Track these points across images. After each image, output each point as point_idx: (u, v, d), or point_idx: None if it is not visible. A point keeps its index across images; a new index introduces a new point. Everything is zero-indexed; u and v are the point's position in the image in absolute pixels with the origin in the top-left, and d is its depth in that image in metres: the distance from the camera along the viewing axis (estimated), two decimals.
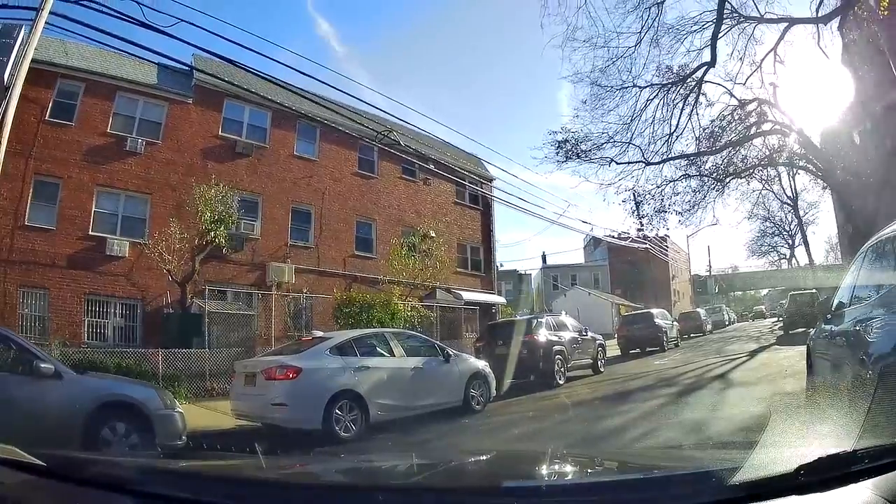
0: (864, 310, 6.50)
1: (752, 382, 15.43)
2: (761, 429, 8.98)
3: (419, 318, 27.75)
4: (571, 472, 3.33)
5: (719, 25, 26.65)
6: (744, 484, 1.99)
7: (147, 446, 10.14)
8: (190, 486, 2.63)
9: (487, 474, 3.53)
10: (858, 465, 2.07)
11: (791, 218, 63.78)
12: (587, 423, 12.62)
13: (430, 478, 3.32)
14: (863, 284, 6.94)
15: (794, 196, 53.15)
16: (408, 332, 17.72)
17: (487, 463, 4.01)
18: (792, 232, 71.48)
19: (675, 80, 29.72)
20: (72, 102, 23.68)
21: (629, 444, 9.90)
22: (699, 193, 33.47)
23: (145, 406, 10.40)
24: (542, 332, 21.46)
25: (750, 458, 2.27)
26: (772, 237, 79.38)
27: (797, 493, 1.97)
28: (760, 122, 31.74)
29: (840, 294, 7.85)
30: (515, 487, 2.84)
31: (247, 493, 2.62)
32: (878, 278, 6.53)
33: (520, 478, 3.23)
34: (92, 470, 2.85)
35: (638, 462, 3.55)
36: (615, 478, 2.92)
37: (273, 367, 12.63)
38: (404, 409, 13.72)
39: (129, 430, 10.14)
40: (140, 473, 2.82)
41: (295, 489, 2.80)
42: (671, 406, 13.43)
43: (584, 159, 31.01)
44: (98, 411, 9.87)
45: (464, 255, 39.47)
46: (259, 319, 24.81)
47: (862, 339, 6.26)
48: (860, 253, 7.41)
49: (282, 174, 29.36)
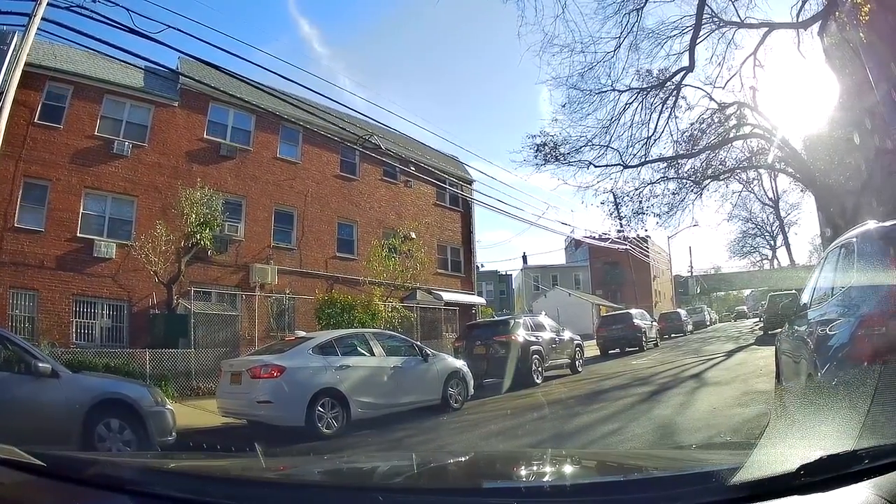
0: (819, 311, 7.19)
1: (725, 382, 15.96)
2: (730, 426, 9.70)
3: (400, 319, 28.33)
4: (571, 473, 3.36)
5: (698, 31, 27.24)
6: (744, 484, 2.01)
7: (140, 442, 10.64)
8: (190, 486, 2.67)
9: (488, 474, 3.55)
10: (859, 466, 2.09)
11: (773, 219, 64.96)
12: (561, 420, 13.08)
13: (431, 478, 3.38)
14: (821, 286, 7.51)
15: (775, 198, 53.98)
16: (387, 333, 18.31)
17: (488, 463, 4.09)
18: (774, 233, 72.72)
19: (654, 85, 30.33)
20: (60, 105, 24.18)
21: (599, 439, 10.41)
22: (678, 195, 34.37)
23: (138, 403, 10.83)
24: (520, 332, 21.91)
25: (750, 458, 2.29)
26: (754, 238, 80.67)
27: (797, 494, 2.00)
28: (740, 125, 32.66)
29: (804, 296, 8.49)
30: (515, 488, 2.92)
31: (247, 493, 2.64)
32: (834, 281, 7.09)
33: (519, 478, 3.27)
34: (92, 470, 2.85)
35: (638, 462, 3.53)
36: (615, 478, 2.95)
37: (258, 365, 13.20)
38: (384, 407, 14.31)
39: (123, 427, 10.57)
40: (140, 473, 2.84)
41: (295, 489, 2.86)
42: (643, 404, 13.88)
43: (562, 162, 31.89)
44: (94, 409, 10.29)
45: (444, 257, 40.06)
46: (243, 320, 25.36)
47: (813, 339, 6.96)
48: (822, 256, 8.11)
49: (265, 176, 30.00)
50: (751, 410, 10.80)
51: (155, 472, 3.05)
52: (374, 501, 2.23)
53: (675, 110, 31.27)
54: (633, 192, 33.27)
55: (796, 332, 8.19)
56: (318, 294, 27.59)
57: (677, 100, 30.77)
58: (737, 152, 35.54)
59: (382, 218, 35.44)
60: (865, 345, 5.73)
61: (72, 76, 24.31)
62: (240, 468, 3.50)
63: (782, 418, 4.43)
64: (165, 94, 26.82)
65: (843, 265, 6.83)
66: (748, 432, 8.39)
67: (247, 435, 13.05)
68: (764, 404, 10.56)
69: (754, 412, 10.45)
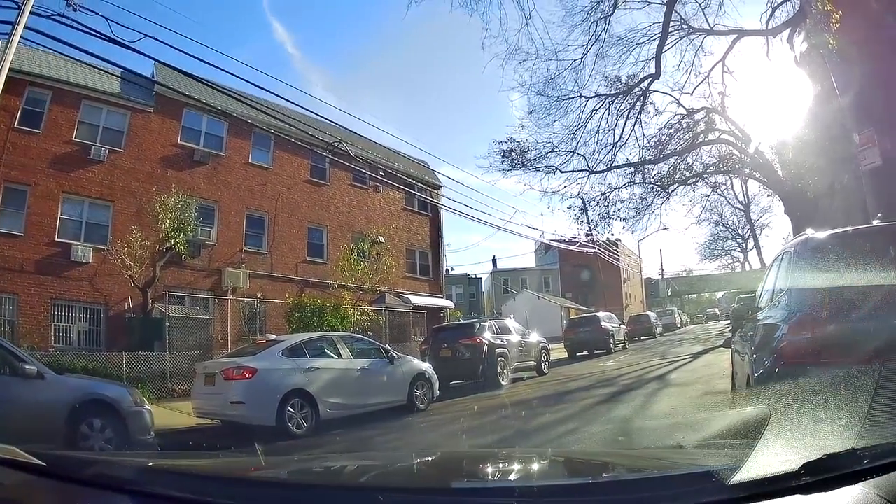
0: (761, 315, 7.73)
1: (687, 383, 16.44)
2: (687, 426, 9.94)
3: (369, 322, 29.02)
4: (571, 472, 3.43)
5: (664, 39, 27.84)
6: (744, 484, 2.03)
7: (120, 441, 11.11)
8: (190, 486, 2.69)
9: (488, 474, 3.55)
10: (859, 466, 2.11)
11: (744, 222, 65.89)
12: (522, 420, 13.49)
13: (431, 478, 3.42)
14: (766, 291, 7.99)
15: (746, 201, 54.52)
16: (354, 336, 18.86)
17: (488, 463, 4.08)
18: (745, 236, 73.74)
19: (621, 91, 30.74)
20: (39, 111, 24.68)
21: (557, 438, 10.79)
22: (644, 200, 34.73)
23: (119, 404, 11.34)
24: (486, 335, 22.49)
25: (750, 458, 2.28)
26: (725, 241, 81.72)
27: (797, 493, 2.02)
28: (709, 130, 32.83)
29: (755, 299, 8.97)
30: (514, 487, 2.90)
31: (247, 493, 2.70)
32: (774, 287, 7.55)
33: (519, 478, 3.31)
34: (92, 470, 2.89)
35: (638, 462, 3.53)
36: (615, 478, 2.96)
37: (231, 367, 13.82)
38: (352, 408, 14.99)
39: (105, 426, 11.07)
40: (140, 473, 2.87)
41: (295, 489, 2.88)
42: (603, 405, 14.26)
43: (529, 168, 31.99)
44: (77, 409, 10.76)
45: (412, 261, 40.83)
46: (216, 323, 25.85)
47: (753, 342, 7.57)
48: (771, 262, 8.63)
49: (237, 182, 30.70)
50: (710, 410, 11.23)
51: (155, 472, 3.10)
52: (374, 501, 2.30)
53: (644, 115, 31.72)
54: (599, 196, 33.60)
55: (744, 334, 8.86)
56: (289, 298, 28.34)
57: (644, 106, 31.29)
58: (705, 157, 35.75)
59: (352, 222, 36.17)
60: (793, 348, 6.20)
61: (51, 81, 24.72)
62: (240, 468, 3.63)
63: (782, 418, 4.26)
64: (141, 99, 27.25)
65: (783, 272, 7.25)
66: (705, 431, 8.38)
67: (221, 434, 13.70)
68: (721, 404, 10.89)
69: (712, 412, 10.81)
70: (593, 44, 28.76)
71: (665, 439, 9.72)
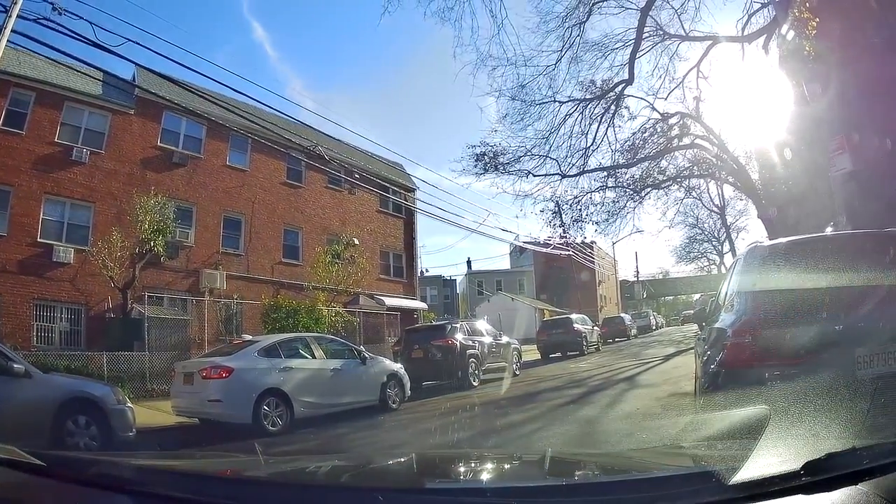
0: (714, 318, 8.05)
1: (655, 384, 16.90)
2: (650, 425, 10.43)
3: (343, 323, 29.67)
4: (571, 472, 3.41)
5: (638, 46, 28.36)
6: (744, 483, 2.06)
7: (104, 437, 11.48)
8: (190, 486, 2.72)
9: (488, 474, 3.58)
10: (859, 465, 2.14)
11: (719, 225, 66.55)
12: (491, 419, 13.91)
13: (431, 478, 3.48)
14: (722, 294, 8.23)
15: (721, 204, 54.88)
16: (328, 337, 19.57)
17: (488, 463, 4.09)
18: (721, 239, 74.58)
19: (594, 97, 31.19)
20: (23, 111, 25.14)
21: (524, 437, 11.14)
22: (618, 203, 35.29)
23: (103, 402, 11.78)
24: (457, 336, 23.20)
25: (750, 458, 2.32)
26: (701, 244, 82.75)
27: (797, 493, 2.04)
28: (683, 134, 33.34)
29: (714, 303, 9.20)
30: (514, 487, 2.91)
31: (247, 493, 2.72)
32: (727, 292, 7.79)
33: (519, 478, 3.37)
34: (92, 470, 2.93)
35: (638, 462, 3.55)
36: (615, 478, 2.97)
37: (208, 367, 14.26)
38: (325, 407, 15.49)
39: (90, 423, 11.48)
40: (140, 473, 2.89)
41: (295, 489, 2.88)
42: (571, 405, 14.64)
43: (501, 171, 32.57)
44: (63, 406, 11.22)
45: (386, 262, 41.65)
46: (193, 324, 26.34)
47: (705, 344, 7.96)
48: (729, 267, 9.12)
49: (215, 183, 31.40)
50: (672, 411, 11.57)
51: (155, 472, 3.13)
52: (375, 501, 2.30)
53: (618, 119, 32.22)
54: (572, 200, 34.09)
55: (701, 337, 9.31)
56: (265, 299, 28.99)
57: (617, 110, 31.80)
58: (680, 160, 36.38)
59: (327, 224, 37.03)
60: (736, 352, 6.47)
61: (35, 83, 25.16)
62: (240, 468, 3.65)
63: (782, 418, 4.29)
64: (122, 101, 27.78)
65: (734, 277, 7.52)
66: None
67: (199, 432, 14.22)
68: (686, 405, 11.18)
69: (675, 412, 11.21)
70: (567, 49, 29.20)
71: (627, 438, 10.06)
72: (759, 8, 25.51)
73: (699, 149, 33.86)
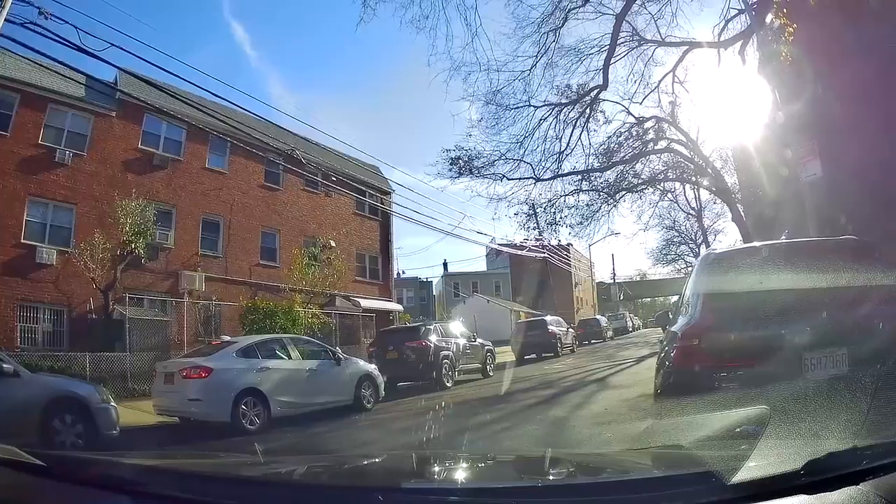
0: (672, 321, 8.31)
1: (626, 385, 16.93)
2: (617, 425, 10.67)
3: (319, 325, 30.10)
4: (571, 473, 3.41)
5: (612, 51, 28.31)
6: (744, 484, 2.07)
7: (89, 435, 11.92)
8: (190, 486, 2.74)
9: (487, 474, 3.63)
10: (859, 465, 2.17)
11: (696, 228, 67.24)
12: (462, 418, 13.96)
13: (431, 478, 3.48)
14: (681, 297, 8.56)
15: (698, 207, 55.53)
16: (304, 338, 20.22)
17: (488, 463, 4.14)
18: (698, 242, 75.40)
19: (569, 101, 31.32)
20: (8, 113, 25.52)
21: (493, 436, 11.44)
22: (592, 206, 35.62)
23: (88, 400, 12.26)
24: (431, 338, 23.69)
25: (750, 458, 2.35)
26: (678, 246, 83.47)
27: (797, 493, 2.06)
28: (658, 138, 33.64)
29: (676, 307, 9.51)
30: (514, 488, 2.96)
31: (247, 493, 2.73)
32: (684, 295, 8.05)
33: (519, 478, 3.40)
34: (92, 470, 2.96)
35: (638, 462, 3.53)
36: (615, 478, 2.96)
37: (189, 367, 14.75)
38: (301, 406, 15.97)
39: (76, 421, 11.91)
40: (140, 473, 2.90)
41: (295, 489, 2.93)
42: (542, 405, 15.11)
43: (476, 175, 32.59)
44: (51, 405, 11.67)
45: (362, 265, 42.25)
46: (173, 325, 26.79)
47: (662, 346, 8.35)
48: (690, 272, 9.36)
49: (194, 186, 31.85)
50: (640, 411, 11.41)
51: (155, 472, 3.12)
52: (375, 501, 2.30)
53: (593, 123, 32.38)
54: (546, 203, 34.27)
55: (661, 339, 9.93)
56: (243, 300, 29.43)
57: (591, 115, 31.89)
58: (655, 164, 36.46)
59: (304, 227, 37.59)
60: (683, 353, 6.87)
61: (20, 84, 25.38)
62: (240, 468, 3.66)
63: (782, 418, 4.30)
64: (104, 104, 28.03)
65: (689, 283, 7.86)
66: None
67: (180, 431, 14.73)
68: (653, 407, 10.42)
69: (642, 413, 11.04)
70: (543, 55, 29.26)
71: (592, 438, 10.32)
72: (737, 14, 25.59)
73: (674, 153, 34.18)
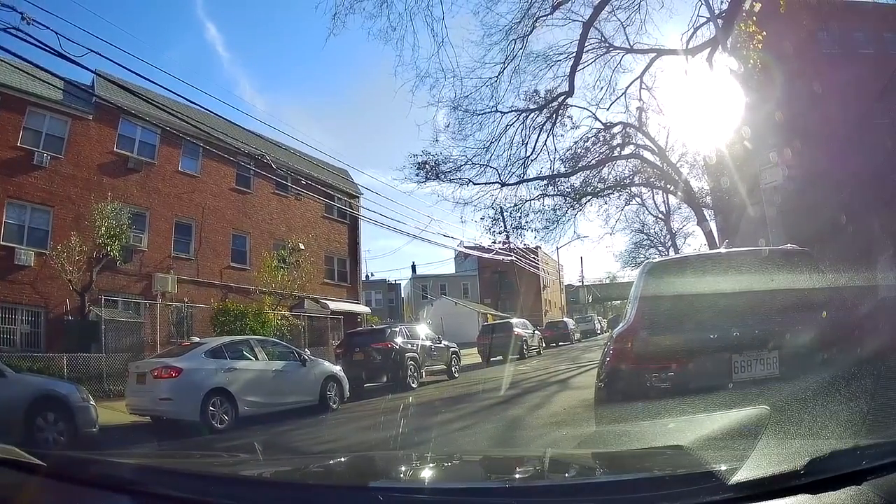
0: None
1: (586, 386, 15.73)
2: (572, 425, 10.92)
3: (289, 327, 31.06)
4: (571, 473, 3.45)
5: (579, 59, 28.78)
6: (744, 483, 2.11)
7: (70, 432, 12.51)
8: (190, 485, 2.78)
9: (487, 474, 3.66)
10: (859, 465, 2.20)
11: (665, 231, 68.24)
12: (425, 417, 14.64)
13: (430, 478, 3.51)
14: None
15: (667, 211, 56.57)
16: (270, 340, 20.91)
17: (487, 463, 4.20)
18: (667, 245, 76.61)
19: (536, 107, 31.91)
20: None
21: (452, 433, 11.79)
22: (558, 211, 36.65)
23: (69, 399, 12.88)
24: (397, 339, 24.45)
25: (750, 458, 2.36)
26: (647, 249, 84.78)
27: (798, 493, 2.10)
28: (625, 143, 34.79)
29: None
30: (514, 488, 3.00)
31: (247, 493, 2.77)
32: (627, 300, 8.34)
33: (519, 478, 3.38)
34: (92, 470, 3.01)
35: (638, 462, 3.41)
36: (615, 478, 2.97)
37: (159, 367, 15.35)
38: (268, 406, 16.66)
39: (57, 419, 12.49)
40: (140, 473, 2.94)
41: (295, 489, 2.93)
42: (502, 405, 15.75)
43: (443, 179, 33.28)
44: (34, 403, 12.25)
45: (331, 267, 43.25)
46: (147, 327, 27.36)
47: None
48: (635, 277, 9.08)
49: (167, 189, 32.54)
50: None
51: (155, 472, 3.16)
52: (375, 501, 2.39)
53: (560, 128, 33.26)
54: (511, 208, 35.09)
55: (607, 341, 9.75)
56: (214, 302, 30.33)
57: (559, 120, 32.64)
58: (621, 169, 37.84)
59: (273, 230, 38.60)
60: (617, 354, 7.13)
61: (0, 87, 25.85)
62: (240, 468, 3.72)
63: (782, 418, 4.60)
64: (82, 107, 28.58)
65: (633, 288, 7.93)
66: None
67: (152, 430, 15.20)
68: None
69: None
70: (510, 62, 29.45)
71: (545, 436, 10.75)
72: (705, 21, 25.59)
73: (641, 159, 35.26)
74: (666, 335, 6.79)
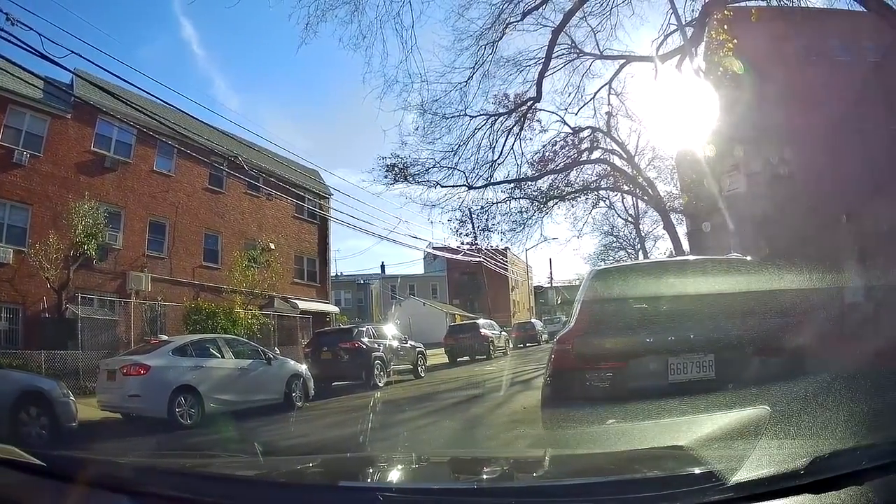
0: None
1: None
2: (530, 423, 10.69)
3: (259, 326, 31.94)
4: (572, 473, 3.44)
5: (547, 65, 28.96)
6: (745, 483, 2.16)
7: (52, 427, 12.85)
8: (190, 486, 2.84)
9: (487, 474, 3.65)
10: (860, 465, 2.25)
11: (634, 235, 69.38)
12: (388, 415, 14.66)
13: (430, 478, 3.67)
14: None
15: (636, 214, 57.54)
16: (237, 338, 21.47)
17: (487, 463, 4.26)
18: (636, 248, 77.64)
19: (504, 112, 32.07)
20: None
21: (414, 430, 12.08)
22: (525, 214, 37.24)
23: (51, 394, 13.20)
24: (363, 339, 25.06)
25: (750, 458, 2.40)
26: (616, 251, 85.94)
27: (798, 493, 2.14)
28: (593, 148, 35.70)
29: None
30: (514, 488, 3.08)
31: (247, 493, 2.84)
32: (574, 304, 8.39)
33: (518, 478, 3.52)
34: (92, 470, 2.99)
35: (638, 462, 3.39)
36: (615, 478, 2.97)
37: (128, 364, 15.70)
38: (234, 403, 16.91)
39: (40, 414, 12.84)
40: (140, 473, 3.01)
41: (295, 489, 3.01)
42: (464, 404, 16.10)
43: (411, 182, 33.72)
44: (19, 398, 12.60)
45: (301, 267, 44.28)
46: (121, 324, 28.08)
47: None
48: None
49: (142, 188, 33.32)
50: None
51: (155, 472, 3.29)
52: (375, 501, 2.42)
53: (528, 132, 33.83)
54: (479, 210, 35.72)
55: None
56: (187, 301, 31.35)
57: (527, 123, 33.07)
58: (589, 173, 38.62)
59: (245, 229, 39.65)
60: (559, 356, 7.30)
61: None
62: (240, 468, 3.84)
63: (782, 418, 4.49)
64: (61, 106, 29.01)
65: (578, 292, 8.21)
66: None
67: (121, 426, 15.66)
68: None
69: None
70: (480, 66, 29.27)
71: (502, 434, 11.02)
72: (676, 29, 25.55)
73: (609, 165, 36.15)
74: (606, 338, 7.05)
